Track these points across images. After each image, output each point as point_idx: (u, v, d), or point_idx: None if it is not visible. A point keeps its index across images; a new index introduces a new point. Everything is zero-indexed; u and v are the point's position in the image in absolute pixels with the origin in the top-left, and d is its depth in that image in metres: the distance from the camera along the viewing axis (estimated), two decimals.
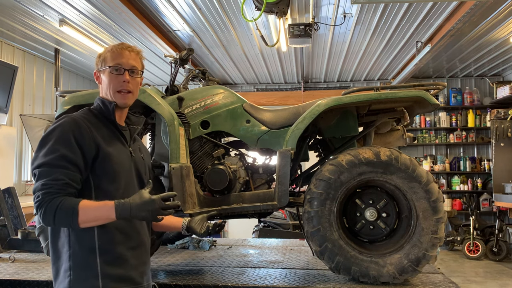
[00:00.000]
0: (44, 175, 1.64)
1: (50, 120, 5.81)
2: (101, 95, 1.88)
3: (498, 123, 7.82)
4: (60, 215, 1.59)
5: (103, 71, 1.83)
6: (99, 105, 1.85)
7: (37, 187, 1.63)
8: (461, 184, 8.90)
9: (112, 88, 1.81)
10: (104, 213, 1.62)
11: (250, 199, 2.80)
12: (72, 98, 2.79)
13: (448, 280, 2.67)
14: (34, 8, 5.31)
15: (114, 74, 1.80)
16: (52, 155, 1.66)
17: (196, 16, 5.69)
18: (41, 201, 1.61)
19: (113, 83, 1.80)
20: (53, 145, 1.68)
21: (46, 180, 1.62)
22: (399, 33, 6.42)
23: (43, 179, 1.63)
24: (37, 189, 1.63)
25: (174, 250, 3.74)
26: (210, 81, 3.41)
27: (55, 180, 1.63)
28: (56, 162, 1.65)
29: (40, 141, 1.71)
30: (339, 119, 2.84)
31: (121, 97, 1.82)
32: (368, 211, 2.62)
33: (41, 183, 1.63)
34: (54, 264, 1.74)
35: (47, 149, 1.68)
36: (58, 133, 1.70)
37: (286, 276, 2.77)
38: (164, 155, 2.82)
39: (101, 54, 1.85)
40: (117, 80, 1.80)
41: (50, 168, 1.64)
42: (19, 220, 4.05)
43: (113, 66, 1.79)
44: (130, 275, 1.76)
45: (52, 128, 1.73)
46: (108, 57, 1.81)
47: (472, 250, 7.72)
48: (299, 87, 9.65)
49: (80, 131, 1.71)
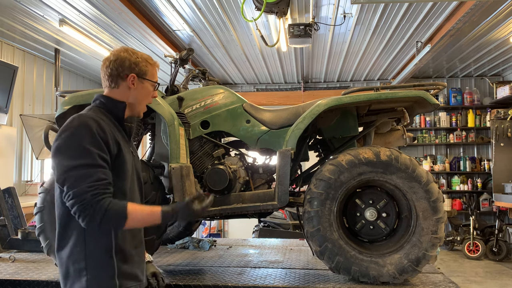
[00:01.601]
0: (85, 176, 1.61)
1: (50, 120, 5.82)
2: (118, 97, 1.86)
3: (498, 123, 7.82)
4: (108, 217, 1.61)
5: (142, 81, 1.88)
6: (104, 103, 1.85)
7: (82, 190, 1.59)
8: (461, 184, 8.91)
9: (145, 101, 1.93)
10: (151, 218, 1.71)
11: (250, 199, 2.80)
12: (72, 98, 2.79)
13: (448, 280, 2.67)
14: (34, 8, 5.31)
15: (151, 90, 1.93)
16: (88, 155, 1.64)
17: (196, 16, 5.69)
18: (88, 203, 1.59)
19: (148, 97, 1.93)
20: (85, 145, 1.65)
21: (90, 182, 1.60)
22: (399, 33, 6.42)
23: (85, 181, 1.60)
24: (82, 192, 1.59)
25: (174, 250, 3.74)
26: (210, 81, 3.41)
27: (98, 180, 1.62)
28: (94, 162, 1.64)
29: (63, 141, 1.67)
30: (339, 119, 2.85)
31: (144, 109, 1.96)
32: (368, 211, 2.62)
33: (86, 186, 1.60)
34: (63, 264, 1.72)
35: (79, 150, 1.65)
36: (83, 132, 1.67)
37: (286, 276, 2.77)
38: (164, 155, 2.82)
39: (140, 61, 1.87)
40: (151, 95, 1.94)
41: (89, 169, 1.63)
42: (19, 220, 4.05)
43: (154, 83, 1.93)
44: (136, 272, 1.81)
45: (73, 127, 1.69)
46: (149, 71, 1.90)
47: (472, 250, 7.72)
48: (299, 87, 9.65)
49: (103, 131, 1.72)
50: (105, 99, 1.86)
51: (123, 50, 1.87)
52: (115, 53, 1.86)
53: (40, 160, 7.21)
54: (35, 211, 2.84)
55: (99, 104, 1.86)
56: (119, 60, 1.83)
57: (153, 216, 1.71)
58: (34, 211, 2.84)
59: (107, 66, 1.84)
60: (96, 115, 1.77)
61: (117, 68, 1.83)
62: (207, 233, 8.46)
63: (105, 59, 1.87)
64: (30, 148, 6.76)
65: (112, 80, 1.85)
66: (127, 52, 1.86)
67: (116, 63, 1.83)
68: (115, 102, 1.85)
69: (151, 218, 1.71)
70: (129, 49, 1.89)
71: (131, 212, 1.65)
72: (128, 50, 1.87)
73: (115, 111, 1.85)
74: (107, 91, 1.88)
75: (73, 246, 1.70)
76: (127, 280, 1.75)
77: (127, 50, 1.87)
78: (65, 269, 1.72)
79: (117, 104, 1.85)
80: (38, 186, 6.16)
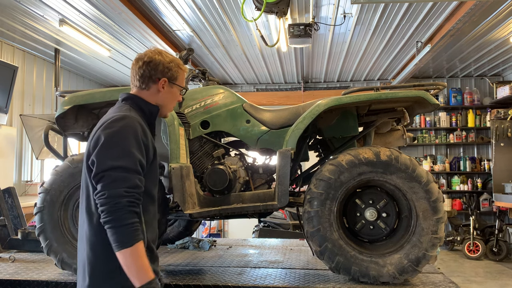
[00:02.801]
0: (124, 180, 1.62)
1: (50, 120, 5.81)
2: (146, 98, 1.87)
3: (498, 123, 7.82)
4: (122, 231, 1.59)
5: (172, 86, 1.90)
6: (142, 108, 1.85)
7: (118, 193, 1.59)
8: (461, 184, 8.91)
9: (172, 104, 1.96)
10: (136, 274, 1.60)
11: (250, 199, 2.80)
12: (72, 98, 2.79)
13: (448, 280, 2.67)
14: (34, 8, 5.31)
15: (179, 94, 1.97)
16: (129, 158, 1.65)
17: (196, 16, 5.69)
18: (121, 208, 1.59)
19: (175, 101, 1.96)
20: (128, 147, 1.66)
21: (127, 187, 1.61)
22: (399, 33, 6.42)
23: (123, 185, 1.61)
24: (118, 195, 1.59)
25: (174, 250, 3.74)
26: (210, 81, 3.41)
27: (135, 187, 1.64)
28: (135, 168, 1.66)
29: (108, 139, 1.66)
30: (339, 119, 2.84)
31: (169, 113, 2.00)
32: (368, 211, 2.62)
33: (123, 190, 1.60)
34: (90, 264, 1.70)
35: (122, 151, 1.65)
36: (130, 134, 1.68)
37: (286, 276, 2.77)
38: (164, 155, 2.82)
39: (174, 66, 1.88)
40: (177, 99, 1.98)
41: (129, 174, 1.64)
42: (19, 220, 4.05)
43: (184, 88, 1.97)
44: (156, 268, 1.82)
45: (120, 127, 1.69)
46: (180, 77, 1.93)
47: (472, 250, 7.72)
48: (299, 87, 9.66)
49: (146, 135, 1.74)
50: (139, 100, 1.86)
51: (157, 52, 1.88)
52: (149, 55, 1.86)
53: (40, 160, 7.21)
54: (35, 211, 2.84)
55: (132, 104, 1.85)
56: (153, 63, 1.85)
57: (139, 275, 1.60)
58: (34, 211, 2.84)
59: (140, 66, 1.85)
60: (136, 117, 1.78)
61: (150, 70, 1.85)
62: (207, 233, 8.46)
63: (138, 59, 1.88)
64: (30, 148, 6.76)
65: (143, 82, 1.86)
66: (161, 55, 1.87)
67: (150, 65, 1.84)
68: (149, 105, 1.87)
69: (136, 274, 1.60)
70: (163, 52, 1.90)
71: (135, 250, 1.60)
72: (162, 53, 1.88)
73: (149, 114, 1.87)
74: (136, 90, 1.89)
75: (105, 245, 1.65)
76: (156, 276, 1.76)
77: (161, 53, 1.88)
78: (92, 269, 1.70)
79: (152, 108, 1.87)
80: (38, 186, 6.15)
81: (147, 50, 1.91)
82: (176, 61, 1.91)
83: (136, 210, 1.63)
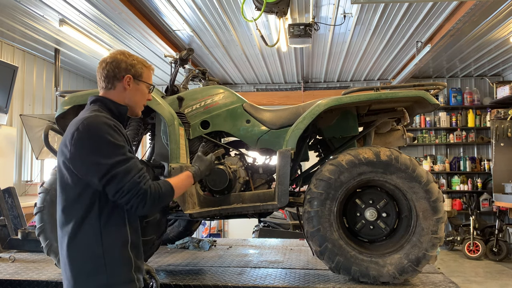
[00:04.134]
0: (129, 170, 1.70)
1: (50, 120, 5.82)
2: (114, 98, 1.89)
3: (498, 123, 7.82)
4: (164, 197, 1.78)
5: (138, 83, 1.92)
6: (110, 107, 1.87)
7: (134, 182, 1.69)
8: (461, 184, 8.91)
9: (141, 103, 1.98)
10: (188, 182, 1.98)
11: (250, 199, 2.80)
12: (72, 98, 2.79)
13: (448, 280, 2.67)
14: (34, 8, 5.31)
15: (146, 91, 1.98)
16: (122, 149, 1.72)
17: (196, 16, 5.69)
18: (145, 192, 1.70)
19: (143, 99, 1.98)
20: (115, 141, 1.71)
21: (137, 173, 1.71)
22: (399, 33, 6.42)
23: (132, 174, 1.70)
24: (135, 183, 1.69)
25: (174, 250, 3.74)
26: (210, 81, 3.41)
27: (141, 170, 1.74)
28: (130, 155, 1.75)
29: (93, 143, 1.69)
30: (339, 119, 2.84)
31: (140, 111, 2.00)
32: (368, 211, 2.62)
33: (136, 177, 1.70)
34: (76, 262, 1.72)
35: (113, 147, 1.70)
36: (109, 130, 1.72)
37: (286, 276, 2.77)
38: (164, 155, 2.82)
39: (136, 63, 1.91)
40: (146, 96, 1.99)
41: (131, 162, 1.72)
42: (19, 220, 4.05)
43: (149, 85, 1.97)
44: (142, 266, 1.90)
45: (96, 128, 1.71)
46: (145, 74, 1.95)
47: (472, 250, 7.72)
48: (299, 87, 9.65)
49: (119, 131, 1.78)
50: (107, 101, 1.88)
51: (119, 52, 1.92)
52: (111, 55, 1.90)
53: (40, 160, 7.21)
54: (35, 211, 2.84)
55: (100, 105, 1.87)
56: (116, 61, 1.88)
57: (189, 180, 1.99)
58: (34, 211, 2.84)
59: (104, 67, 1.88)
60: (105, 115, 1.81)
61: (114, 69, 1.87)
62: (207, 233, 8.46)
63: (102, 61, 1.91)
64: (30, 148, 6.76)
65: (109, 81, 1.88)
66: (123, 55, 1.90)
67: (113, 64, 1.87)
68: (117, 105, 1.89)
69: (188, 183, 1.98)
70: (125, 52, 1.94)
71: (175, 185, 1.85)
72: (124, 53, 1.92)
73: (119, 114, 1.89)
74: (103, 92, 1.91)
75: (88, 243, 1.72)
76: (139, 274, 1.84)
77: (123, 53, 1.91)
78: (79, 266, 1.72)
79: (120, 108, 1.89)
80: (38, 186, 6.16)
81: (111, 52, 1.98)
82: (139, 59, 1.95)
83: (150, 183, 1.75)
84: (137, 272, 1.81)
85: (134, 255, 1.80)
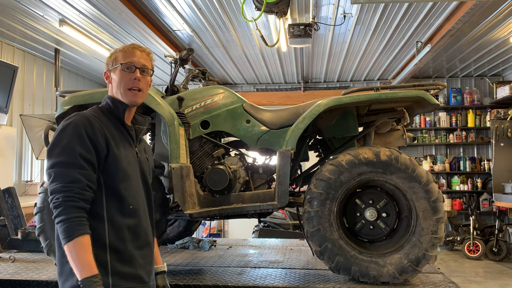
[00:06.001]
0: (62, 176, 1.62)
1: (50, 120, 5.81)
2: (110, 94, 1.88)
3: (498, 123, 7.82)
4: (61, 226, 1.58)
5: (114, 70, 1.84)
6: (108, 103, 1.86)
7: (56, 189, 1.60)
8: (461, 184, 8.90)
9: (123, 86, 1.81)
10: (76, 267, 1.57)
11: (250, 199, 2.80)
12: (72, 98, 2.79)
13: (448, 280, 2.67)
14: (34, 8, 5.31)
15: (126, 72, 1.81)
16: (68, 153, 1.64)
17: (196, 16, 5.69)
18: (60, 204, 1.59)
19: (124, 81, 1.81)
20: (68, 143, 1.66)
21: (64, 183, 1.61)
22: (399, 33, 6.42)
23: (60, 180, 1.61)
24: (56, 191, 1.60)
25: (174, 250, 3.74)
26: (210, 81, 3.41)
27: (73, 182, 1.61)
28: (73, 161, 1.64)
29: (53, 139, 1.69)
30: (339, 119, 2.84)
31: (131, 95, 1.82)
32: (368, 211, 2.62)
33: (60, 186, 1.60)
34: (59, 261, 1.72)
35: (62, 148, 1.66)
36: (71, 131, 1.68)
37: (286, 276, 2.77)
38: (164, 155, 2.82)
39: (112, 54, 1.87)
40: (128, 77, 1.81)
41: (66, 169, 1.63)
42: (19, 220, 4.05)
43: (124, 63, 1.81)
44: (139, 273, 1.77)
45: (64, 125, 1.71)
46: (120, 56, 1.83)
47: (472, 250, 7.72)
48: (299, 87, 9.65)
49: (93, 129, 1.71)
50: (108, 99, 1.88)
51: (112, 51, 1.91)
52: None
53: (40, 160, 7.21)
54: (35, 211, 2.83)
55: (103, 104, 1.88)
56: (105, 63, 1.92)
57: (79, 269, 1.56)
58: (34, 211, 2.84)
59: None
60: (93, 114, 1.78)
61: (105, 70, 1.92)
62: (207, 233, 8.46)
63: None
64: (30, 148, 6.76)
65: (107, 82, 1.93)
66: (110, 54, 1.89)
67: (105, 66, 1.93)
68: (116, 102, 1.85)
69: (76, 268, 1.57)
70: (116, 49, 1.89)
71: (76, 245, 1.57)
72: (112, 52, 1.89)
73: (115, 111, 1.85)
74: None
75: None
76: (125, 280, 1.72)
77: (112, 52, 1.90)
78: (60, 267, 1.72)
79: (117, 104, 1.85)
80: (38, 186, 6.15)
81: None
82: (120, 48, 1.87)
83: (76, 205, 1.60)
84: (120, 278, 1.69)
85: (116, 259, 1.69)
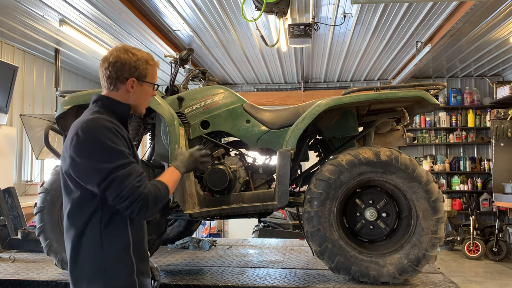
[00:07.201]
0: (130, 174, 1.66)
1: (50, 120, 5.81)
2: (117, 98, 1.82)
3: (498, 123, 7.82)
4: (163, 198, 1.74)
5: (143, 84, 1.85)
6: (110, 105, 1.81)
7: (134, 186, 1.64)
8: (461, 184, 8.90)
9: (145, 101, 1.92)
10: (175, 176, 1.87)
11: (250, 199, 2.80)
12: (72, 98, 2.79)
13: (448, 280, 2.67)
14: (34, 8, 5.31)
15: (151, 90, 1.91)
16: (122, 154, 1.67)
17: (196, 16, 5.69)
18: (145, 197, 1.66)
19: (148, 98, 1.92)
20: (114, 146, 1.66)
21: (136, 177, 1.67)
22: (399, 33, 6.42)
23: (132, 178, 1.66)
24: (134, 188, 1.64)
25: (174, 250, 3.74)
26: (210, 81, 3.41)
27: (140, 174, 1.70)
28: (130, 159, 1.69)
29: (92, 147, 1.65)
30: (339, 119, 2.84)
31: (144, 109, 1.95)
32: (368, 211, 2.62)
33: (135, 181, 1.65)
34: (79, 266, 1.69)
35: (112, 151, 1.65)
36: (109, 134, 1.67)
37: (286, 276, 2.77)
38: (164, 155, 2.82)
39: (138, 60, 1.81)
40: (151, 94, 1.93)
41: (130, 167, 1.68)
42: (19, 220, 4.05)
43: (155, 84, 1.92)
44: (148, 268, 1.86)
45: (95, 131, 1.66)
46: (149, 73, 1.87)
47: (472, 250, 7.72)
48: (299, 87, 9.65)
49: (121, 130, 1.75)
50: (109, 101, 1.82)
51: (123, 51, 1.80)
52: (115, 54, 1.79)
53: (40, 160, 7.21)
54: (35, 211, 2.84)
55: (102, 105, 1.81)
56: (119, 63, 1.78)
57: (175, 173, 1.88)
58: (34, 211, 2.85)
59: (106, 67, 1.79)
60: (105, 117, 1.75)
61: (116, 71, 1.78)
62: (207, 233, 8.46)
63: (104, 59, 1.81)
64: (30, 148, 6.76)
65: (111, 83, 1.81)
66: (127, 54, 1.79)
67: (116, 66, 1.78)
68: (120, 105, 1.82)
69: (176, 177, 1.87)
70: (129, 49, 1.81)
71: (168, 183, 1.79)
72: (128, 51, 1.80)
73: (120, 113, 1.83)
74: (106, 92, 1.84)
75: (89, 247, 1.68)
76: (144, 277, 1.79)
77: (127, 51, 1.80)
78: (80, 271, 1.69)
79: (122, 106, 1.83)
80: (38, 186, 6.16)
81: (113, 48, 1.83)
82: (144, 57, 1.83)
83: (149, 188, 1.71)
84: (140, 276, 1.75)
85: (138, 258, 1.75)
